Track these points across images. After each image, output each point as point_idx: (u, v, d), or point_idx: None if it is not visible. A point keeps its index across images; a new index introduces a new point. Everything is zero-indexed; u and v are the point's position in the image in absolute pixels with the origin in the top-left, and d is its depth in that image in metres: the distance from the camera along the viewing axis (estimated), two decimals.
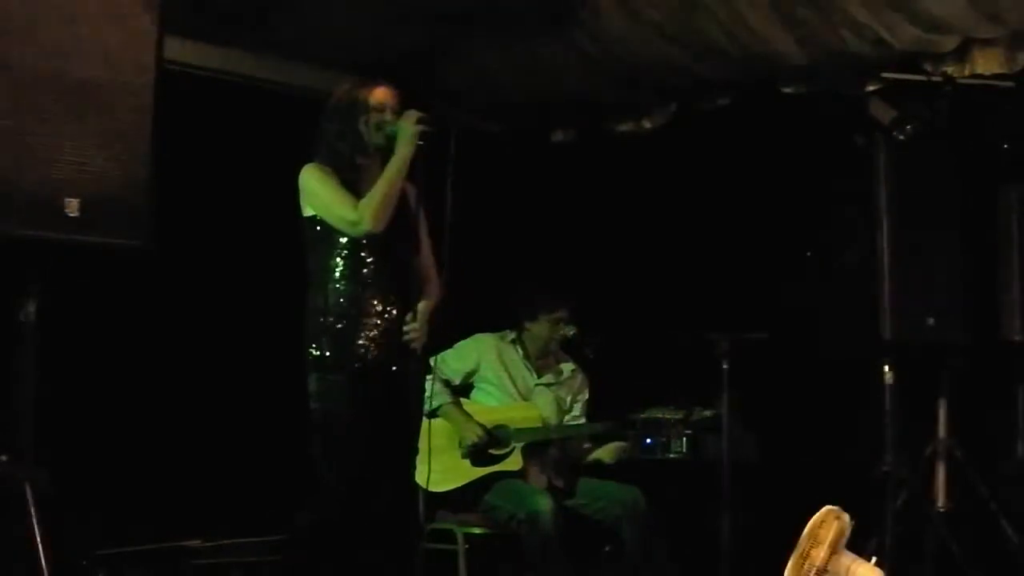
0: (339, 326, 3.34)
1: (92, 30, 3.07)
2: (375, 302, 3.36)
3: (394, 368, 3.39)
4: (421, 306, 3.42)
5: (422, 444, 3.45)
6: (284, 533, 3.55)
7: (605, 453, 4.51)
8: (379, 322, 3.36)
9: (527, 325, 4.55)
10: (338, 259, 3.38)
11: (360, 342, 3.34)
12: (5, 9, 2.96)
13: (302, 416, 3.46)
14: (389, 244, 3.38)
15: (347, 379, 3.33)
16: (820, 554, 3.43)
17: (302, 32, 4.63)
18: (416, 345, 3.38)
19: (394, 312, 3.37)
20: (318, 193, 3.37)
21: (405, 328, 3.37)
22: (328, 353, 3.34)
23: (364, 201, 3.31)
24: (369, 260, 3.37)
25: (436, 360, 4.16)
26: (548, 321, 4.51)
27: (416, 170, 3.40)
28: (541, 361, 4.59)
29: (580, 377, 4.65)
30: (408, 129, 3.34)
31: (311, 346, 3.36)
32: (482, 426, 4.32)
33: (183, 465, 4.46)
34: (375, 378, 3.35)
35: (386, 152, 3.41)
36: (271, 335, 4.60)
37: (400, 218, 3.39)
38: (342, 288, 3.36)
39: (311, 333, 3.37)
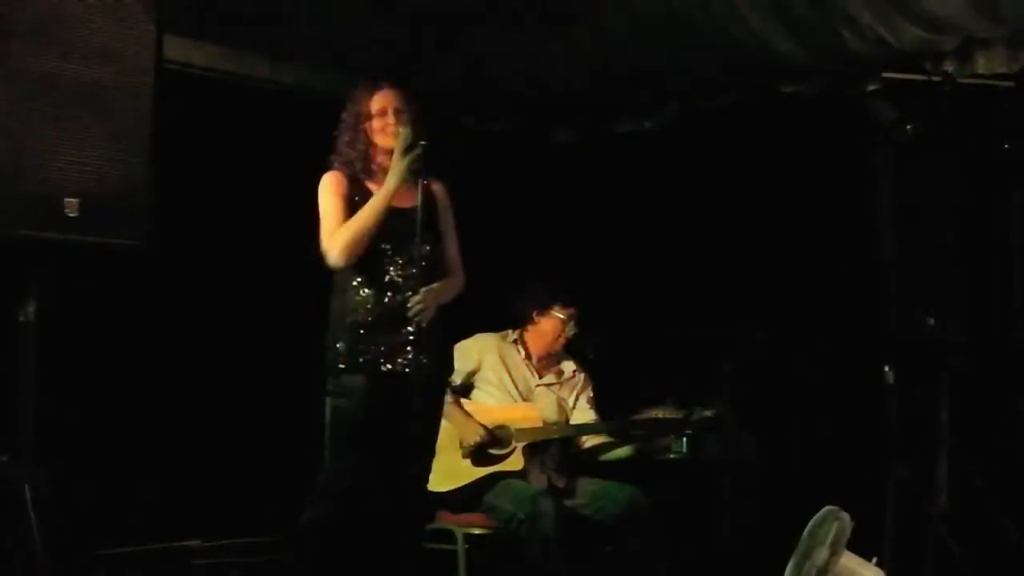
0: (360, 331, 3.36)
1: (92, 30, 3.07)
2: (395, 307, 3.37)
3: (412, 372, 3.38)
4: (435, 286, 3.44)
5: None
6: (285, 533, 3.55)
7: (623, 451, 4.52)
8: (398, 327, 3.37)
9: (536, 318, 4.54)
10: (359, 264, 3.40)
11: (378, 347, 3.35)
12: (5, 9, 2.96)
13: (302, 415, 3.46)
14: (411, 248, 3.39)
15: (364, 383, 3.34)
16: (820, 554, 3.44)
17: (302, 32, 4.62)
18: (420, 318, 3.39)
19: (414, 317, 3.38)
20: (321, 211, 3.44)
21: (409, 304, 3.39)
22: (346, 356, 3.35)
23: (338, 233, 3.36)
24: (390, 266, 3.39)
25: None
26: (560, 316, 4.50)
27: (445, 168, 3.43)
28: (542, 361, 4.58)
29: (582, 376, 4.65)
30: (399, 164, 3.36)
31: (330, 348, 3.38)
32: (483, 426, 4.32)
33: (183, 465, 4.46)
34: (392, 383, 3.36)
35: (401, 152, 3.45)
36: (271, 335, 4.61)
37: (423, 220, 3.39)
38: (362, 293, 3.38)
39: (331, 335, 3.40)
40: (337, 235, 3.37)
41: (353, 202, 3.44)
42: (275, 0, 4.39)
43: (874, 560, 3.65)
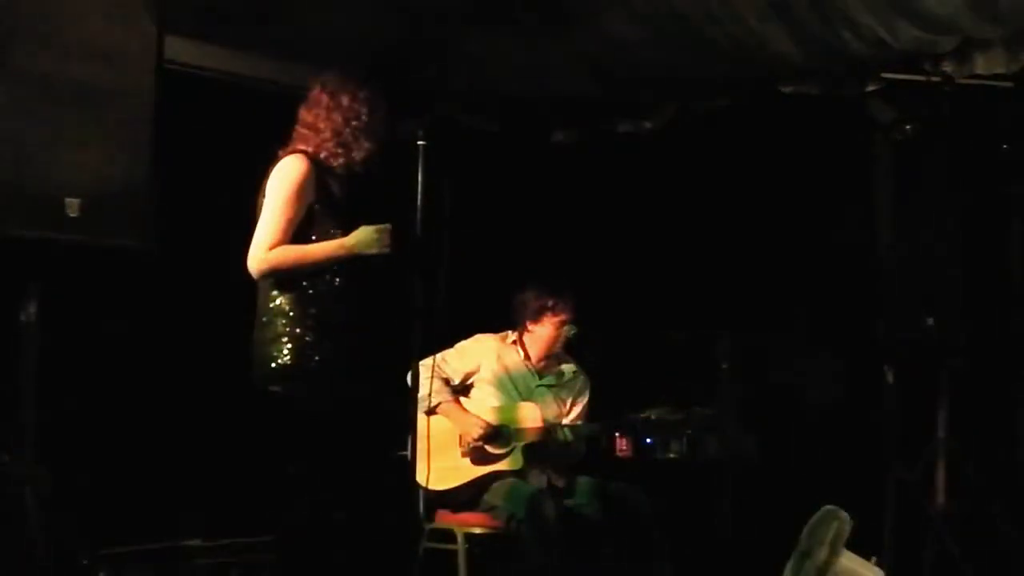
0: (299, 325, 3.29)
1: (92, 30, 3.07)
2: (336, 303, 3.34)
3: (348, 366, 3.36)
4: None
5: (421, 443, 3.45)
6: (272, 536, 3.55)
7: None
8: (332, 320, 3.33)
9: (530, 327, 4.55)
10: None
11: (311, 341, 3.30)
12: (5, 9, 2.96)
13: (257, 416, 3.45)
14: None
15: (304, 380, 3.29)
16: (820, 554, 3.45)
17: (302, 32, 4.63)
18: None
19: (347, 309, 3.35)
20: (274, 207, 3.31)
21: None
22: (286, 354, 3.29)
23: (276, 255, 3.26)
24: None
25: (436, 359, 4.18)
26: (552, 323, 4.51)
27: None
28: (543, 362, 4.58)
29: (582, 379, 4.65)
30: (369, 241, 3.30)
31: (269, 347, 3.31)
32: (484, 420, 4.32)
33: (183, 465, 4.46)
34: (330, 377, 3.32)
35: (359, 150, 3.43)
36: None
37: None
38: (298, 288, 3.32)
39: (267, 335, 3.32)
40: (278, 256, 3.27)
41: (320, 193, 3.36)
42: (275, 0, 4.40)
43: (874, 560, 3.66)
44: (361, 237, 3.32)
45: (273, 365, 3.29)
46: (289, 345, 3.28)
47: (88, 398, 4.24)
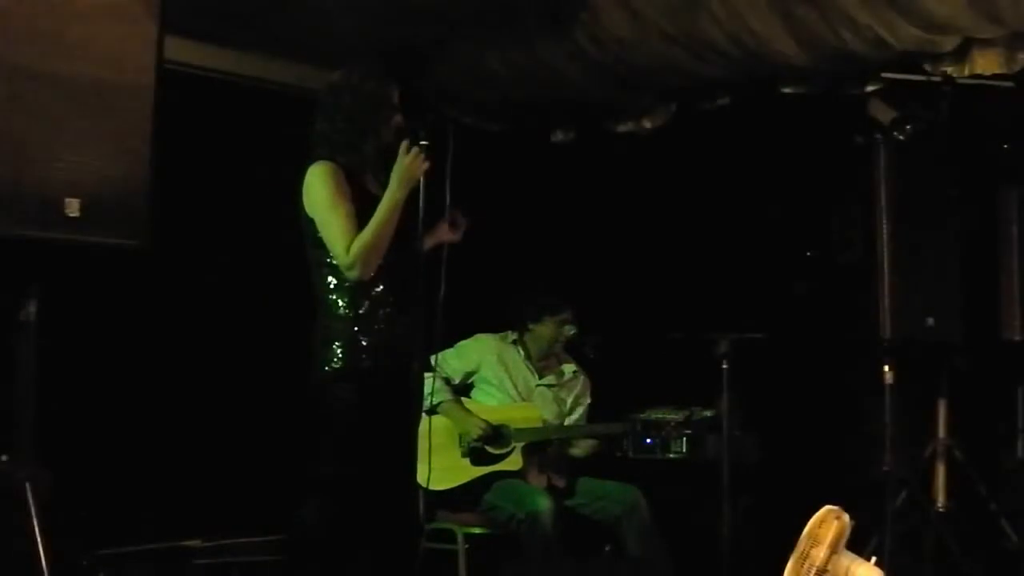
0: (351, 329, 3.30)
1: (92, 30, 3.08)
2: (380, 304, 3.35)
3: (397, 369, 3.37)
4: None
5: (422, 443, 3.45)
6: (285, 532, 3.54)
7: (579, 449, 4.50)
8: (383, 325, 3.35)
9: (531, 326, 4.56)
10: None
11: (365, 344, 3.32)
12: (5, 8, 2.96)
13: (302, 416, 3.45)
14: (393, 244, 3.36)
15: (355, 383, 3.31)
16: (820, 554, 3.43)
17: (302, 32, 4.63)
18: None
19: (396, 314, 3.36)
20: (324, 215, 3.29)
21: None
22: (338, 357, 3.30)
23: (356, 247, 3.23)
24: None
25: (437, 358, 4.18)
26: (553, 322, 4.52)
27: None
28: (543, 362, 4.59)
29: (582, 379, 4.65)
30: (407, 171, 3.27)
31: (323, 350, 3.33)
32: (484, 420, 4.33)
33: (183, 465, 4.46)
34: (380, 380, 3.33)
35: (372, 148, 3.41)
36: (271, 335, 4.61)
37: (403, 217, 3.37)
38: (349, 292, 3.33)
39: (321, 337, 3.34)
40: (359, 251, 3.23)
41: (355, 201, 3.35)
42: (275, 0, 4.39)
43: (874, 560, 3.64)
44: (396, 175, 3.26)
45: (327, 367, 3.30)
46: (342, 348, 3.29)
47: (88, 398, 4.24)
